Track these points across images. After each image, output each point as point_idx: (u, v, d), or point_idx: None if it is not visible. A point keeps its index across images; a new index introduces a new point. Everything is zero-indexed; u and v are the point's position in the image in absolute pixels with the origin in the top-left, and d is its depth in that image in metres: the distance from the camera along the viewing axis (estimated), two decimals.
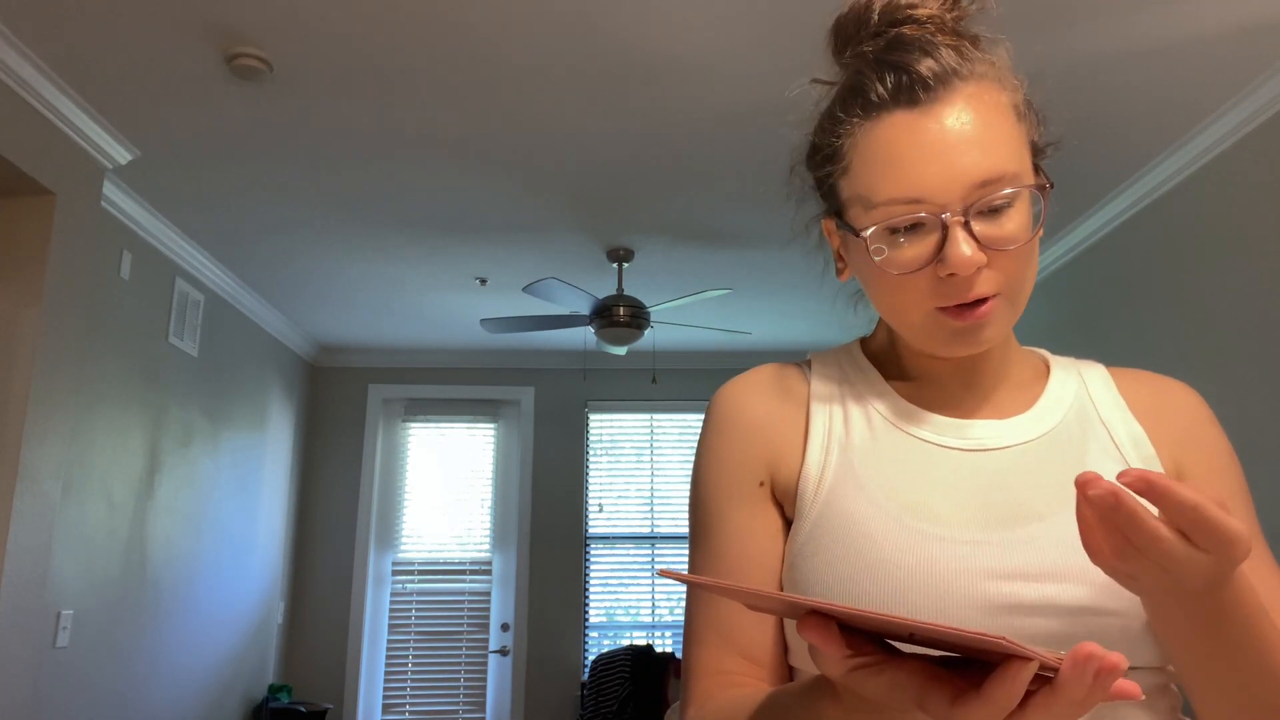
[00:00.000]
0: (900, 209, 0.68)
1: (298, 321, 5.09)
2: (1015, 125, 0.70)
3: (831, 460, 0.75)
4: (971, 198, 0.67)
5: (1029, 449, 0.74)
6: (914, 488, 0.72)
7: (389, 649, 5.41)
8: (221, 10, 2.38)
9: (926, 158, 0.67)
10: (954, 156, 0.67)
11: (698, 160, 3.23)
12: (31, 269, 2.71)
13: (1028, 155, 0.71)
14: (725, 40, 2.52)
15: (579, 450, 5.71)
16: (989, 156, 0.67)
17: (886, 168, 0.68)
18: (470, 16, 2.42)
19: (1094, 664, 0.44)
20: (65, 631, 3.16)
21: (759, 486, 0.77)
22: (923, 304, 0.70)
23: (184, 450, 4.02)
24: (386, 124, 2.96)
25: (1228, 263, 2.94)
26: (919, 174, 0.67)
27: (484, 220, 3.74)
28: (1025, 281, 0.71)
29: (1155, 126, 2.98)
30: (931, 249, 0.68)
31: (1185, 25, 2.46)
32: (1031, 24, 2.45)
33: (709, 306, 4.79)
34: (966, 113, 0.68)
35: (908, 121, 0.68)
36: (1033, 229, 0.69)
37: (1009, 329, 0.73)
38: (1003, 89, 0.71)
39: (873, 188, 0.69)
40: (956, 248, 0.66)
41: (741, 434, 0.78)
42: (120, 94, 2.77)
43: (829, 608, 0.44)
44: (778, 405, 0.79)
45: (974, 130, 0.67)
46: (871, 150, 0.69)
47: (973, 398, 0.78)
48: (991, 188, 0.67)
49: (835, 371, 0.82)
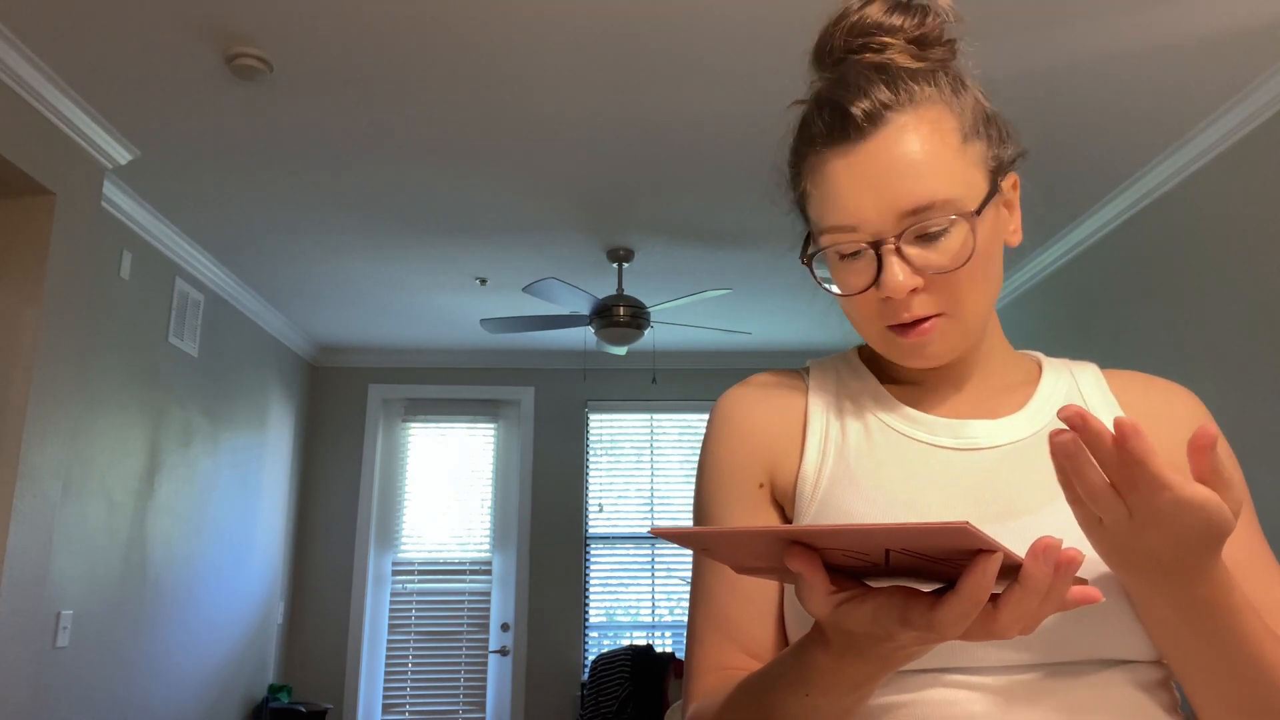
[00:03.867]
0: (841, 236, 0.73)
1: (298, 321, 5.09)
2: (958, 148, 0.72)
3: (828, 461, 0.77)
4: (903, 225, 0.70)
5: (1020, 447, 0.76)
6: (908, 485, 0.74)
7: (389, 649, 5.41)
8: (221, 10, 2.38)
9: (859, 189, 0.71)
10: (883, 187, 0.70)
11: (698, 160, 3.23)
12: (31, 269, 2.71)
13: (976, 174, 0.73)
14: (726, 40, 2.52)
15: (579, 450, 5.71)
16: (920, 185, 0.70)
17: (826, 200, 0.73)
18: (470, 17, 2.42)
19: (1053, 555, 0.48)
20: (65, 632, 3.16)
21: (759, 489, 0.79)
22: (875, 323, 0.75)
23: (184, 450, 4.02)
24: (386, 124, 2.96)
25: (1227, 263, 2.94)
26: (853, 205, 0.71)
27: (484, 220, 3.74)
28: (971, 302, 0.73)
29: (1155, 126, 2.98)
30: (871, 274, 0.72)
31: (1185, 25, 2.46)
32: (1031, 24, 2.45)
33: (709, 306, 4.79)
34: (900, 144, 0.71)
35: (843, 156, 0.72)
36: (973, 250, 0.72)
37: (962, 345, 0.75)
38: (949, 113, 0.73)
39: (820, 217, 0.75)
40: (888, 273, 0.70)
41: (741, 438, 0.81)
42: (120, 94, 2.77)
43: (807, 531, 0.48)
44: (776, 409, 0.82)
45: (904, 161, 0.70)
46: (816, 182, 0.75)
47: (965, 400, 0.80)
48: (921, 215, 0.70)
49: (832, 377, 0.84)
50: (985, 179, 0.73)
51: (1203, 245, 3.06)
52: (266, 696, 4.86)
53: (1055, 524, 0.69)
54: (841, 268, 0.75)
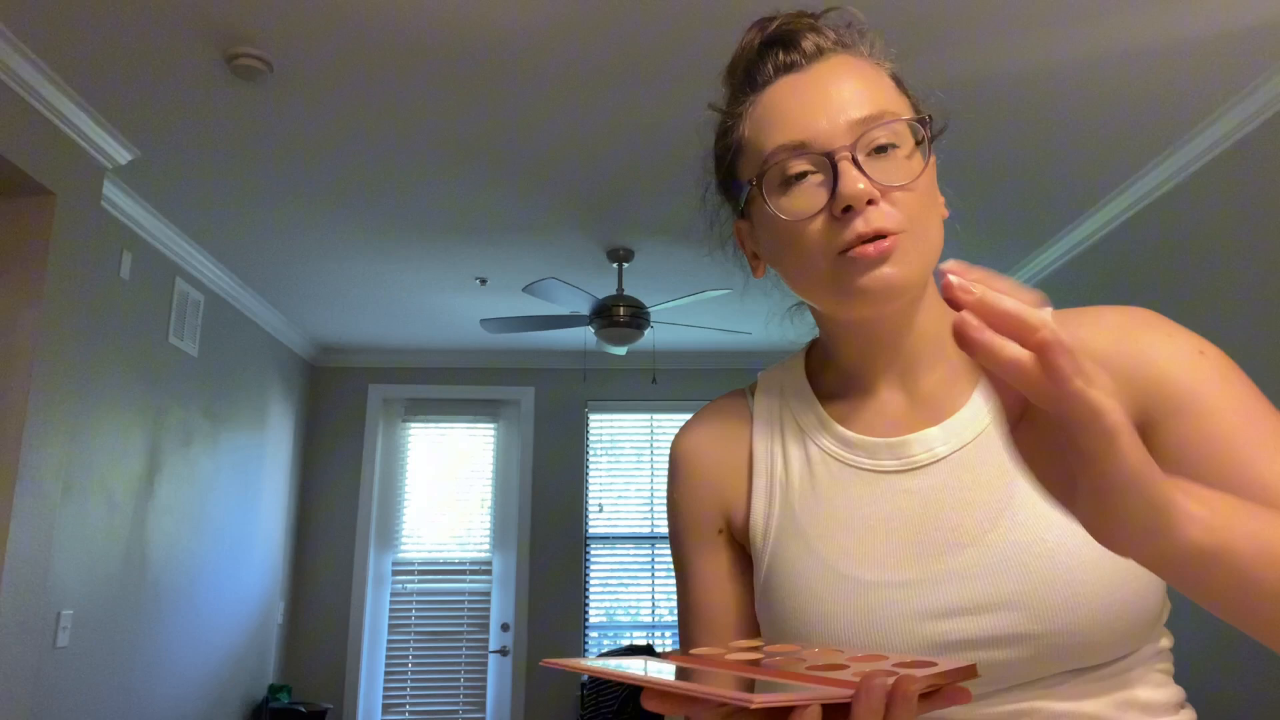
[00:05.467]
0: (788, 156, 0.71)
1: (298, 321, 5.09)
2: (894, 89, 0.75)
3: (775, 508, 0.78)
4: (855, 133, 0.70)
5: (963, 457, 0.73)
6: (849, 529, 0.73)
7: (389, 649, 5.41)
8: (221, 10, 2.38)
9: (809, 105, 0.72)
10: (834, 101, 0.71)
11: (698, 160, 3.22)
12: (31, 269, 2.71)
13: (909, 114, 0.74)
14: (726, 39, 2.52)
15: (579, 450, 5.71)
16: (869, 98, 0.71)
17: (772, 124, 0.73)
18: (470, 17, 2.42)
19: (874, 696, 0.44)
20: (65, 631, 3.16)
21: (718, 534, 0.82)
22: (826, 252, 0.70)
23: (184, 450, 4.02)
24: (386, 124, 2.96)
25: (1227, 263, 2.94)
26: (803, 121, 0.71)
27: (484, 220, 3.74)
28: (926, 223, 0.71)
29: (1155, 126, 2.98)
30: (824, 193, 0.70)
31: (1185, 25, 2.46)
32: (1031, 24, 2.45)
33: (709, 306, 4.79)
34: (846, 69, 0.73)
35: (791, 83, 0.74)
36: (924, 166, 0.71)
37: (920, 274, 0.71)
38: (879, 65, 0.76)
39: (762, 144, 0.73)
40: (846, 179, 0.68)
41: (695, 484, 0.84)
42: (120, 94, 2.77)
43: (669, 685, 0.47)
44: (723, 451, 0.83)
45: (854, 80, 0.72)
46: (759, 116, 0.75)
47: (908, 401, 0.77)
48: (873, 122, 0.70)
49: (776, 395, 0.84)
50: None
51: (1203, 246, 3.06)
52: (266, 696, 4.86)
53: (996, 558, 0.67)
54: (788, 197, 0.71)
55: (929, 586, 0.68)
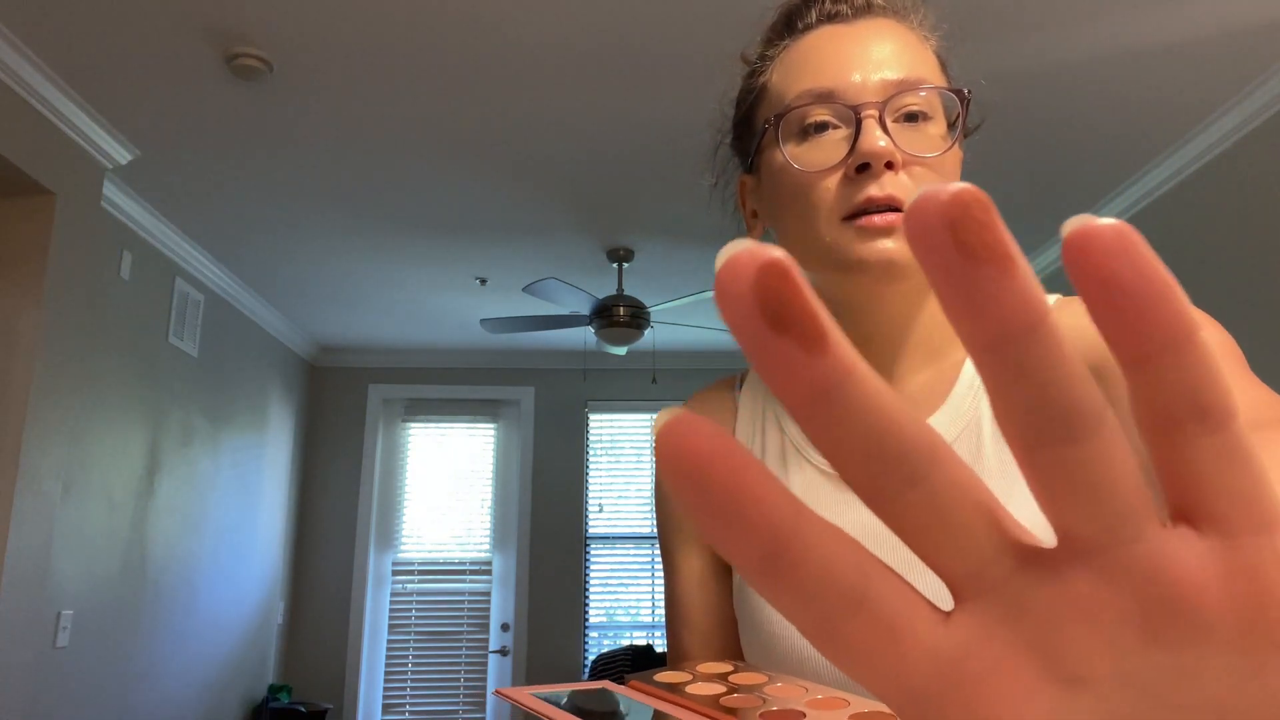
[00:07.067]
0: (812, 102, 0.67)
1: (298, 321, 5.09)
2: (938, 66, 0.71)
3: None
4: (887, 93, 0.66)
5: None
6: None
7: (389, 649, 5.41)
8: (221, 10, 2.38)
9: (844, 57, 0.67)
10: (872, 59, 0.67)
11: (698, 160, 3.22)
12: (31, 269, 2.71)
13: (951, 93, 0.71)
14: (726, 39, 2.52)
15: (579, 450, 5.71)
16: (909, 62, 0.67)
17: (803, 68, 0.69)
18: (470, 17, 2.42)
19: None
20: (65, 631, 3.16)
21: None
22: (830, 215, 0.66)
23: (184, 450, 4.02)
24: (386, 124, 2.96)
25: (1228, 263, 2.94)
26: (835, 70, 0.67)
27: (484, 220, 3.74)
28: None
29: (1155, 126, 2.98)
30: (844, 148, 0.65)
31: (1185, 25, 2.46)
32: (1032, 24, 2.45)
33: (709, 306, 4.79)
34: (892, 31, 0.69)
35: (831, 32, 0.70)
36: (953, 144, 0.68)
37: None
38: (929, 43, 0.72)
39: (787, 89, 0.69)
40: (869, 135, 0.63)
41: None
42: (120, 94, 2.77)
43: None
44: None
45: (895, 44, 0.68)
46: (790, 60, 0.70)
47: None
48: (908, 86, 0.66)
49: (762, 387, 0.82)
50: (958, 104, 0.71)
51: (1203, 245, 3.06)
52: (266, 696, 4.86)
53: None
54: (804, 147, 0.67)
55: None
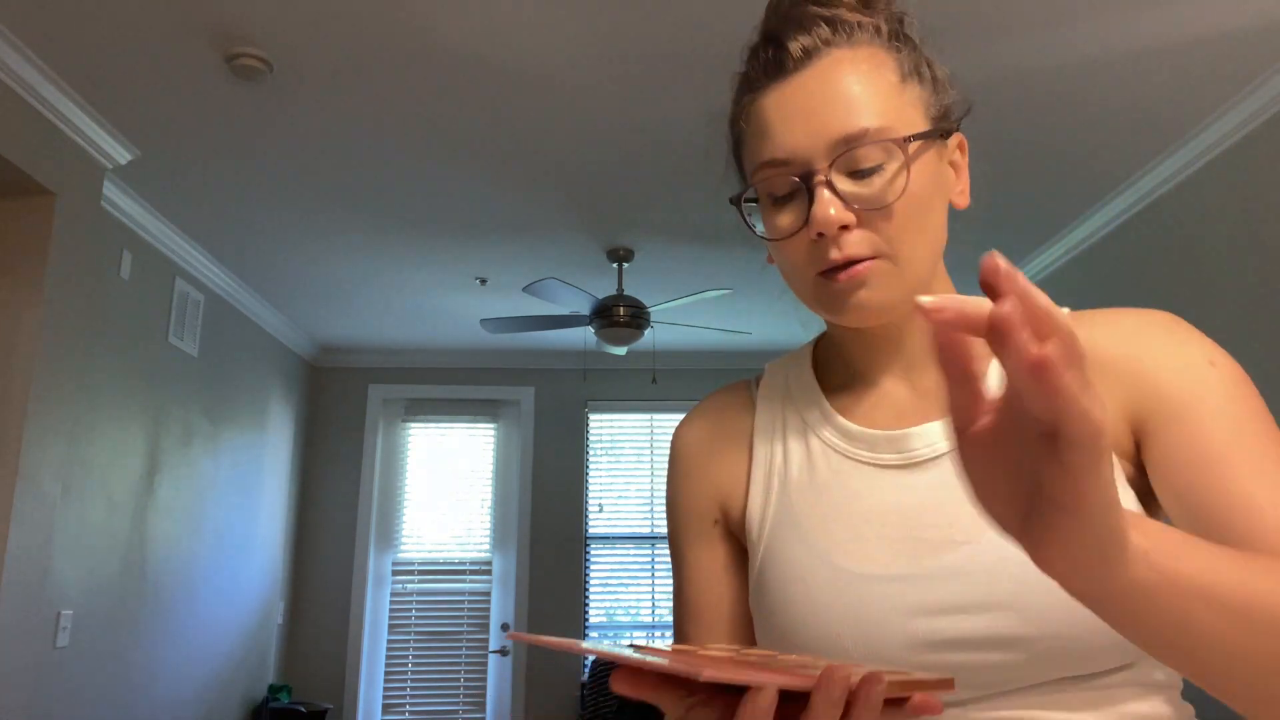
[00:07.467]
0: (771, 173, 0.70)
1: (298, 321, 5.09)
2: (895, 85, 0.70)
3: (772, 499, 0.77)
4: (833, 154, 0.67)
5: None
6: (846, 522, 0.72)
7: (389, 649, 5.41)
8: (221, 10, 2.38)
9: (790, 120, 0.69)
10: (814, 116, 0.68)
11: (697, 160, 3.23)
12: (31, 269, 2.71)
13: (913, 113, 0.70)
14: (724, 41, 2.52)
15: (579, 450, 5.71)
16: (851, 114, 0.68)
17: (759, 137, 0.71)
18: (470, 18, 2.42)
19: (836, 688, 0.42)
20: (65, 631, 3.16)
21: (714, 525, 0.81)
22: (806, 273, 0.71)
23: (184, 450, 4.02)
24: (386, 124, 2.96)
25: (1227, 263, 2.94)
26: (783, 137, 0.69)
27: (484, 220, 3.74)
28: (910, 245, 0.68)
29: (1156, 126, 2.98)
30: (803, 214, 0.69)
31: (1185, 25, 2.46)
32: (1032, 24, 2.45)
33: (709, 306, 4.79)
34: (834, 76, 0.69)
35: (777, 91, 0.71)
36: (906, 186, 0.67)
37: (900, 297, 0.70)
38: (887, 53, 0.71)
39: (752, 155, 0.72)
40: (818, 205, 0.67)
41: (692, 475, 0.83)
42: (120, 94, 2.77)
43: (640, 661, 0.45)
44: (723, 442, 0.83)
45: (837, 91, 0.68)
46: (751, 124, 0.73)
47: (911, 394, 0.76)
48: (852, 143, 0.67)
49: (780, 387, 0.83)
50: (924, 121, 0.71)
51: (1203, 246, 3.06)
52: (266, 696, 4.86)
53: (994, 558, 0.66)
54: (774, 212, 0.71)
55: (922, 583, 0.67)
